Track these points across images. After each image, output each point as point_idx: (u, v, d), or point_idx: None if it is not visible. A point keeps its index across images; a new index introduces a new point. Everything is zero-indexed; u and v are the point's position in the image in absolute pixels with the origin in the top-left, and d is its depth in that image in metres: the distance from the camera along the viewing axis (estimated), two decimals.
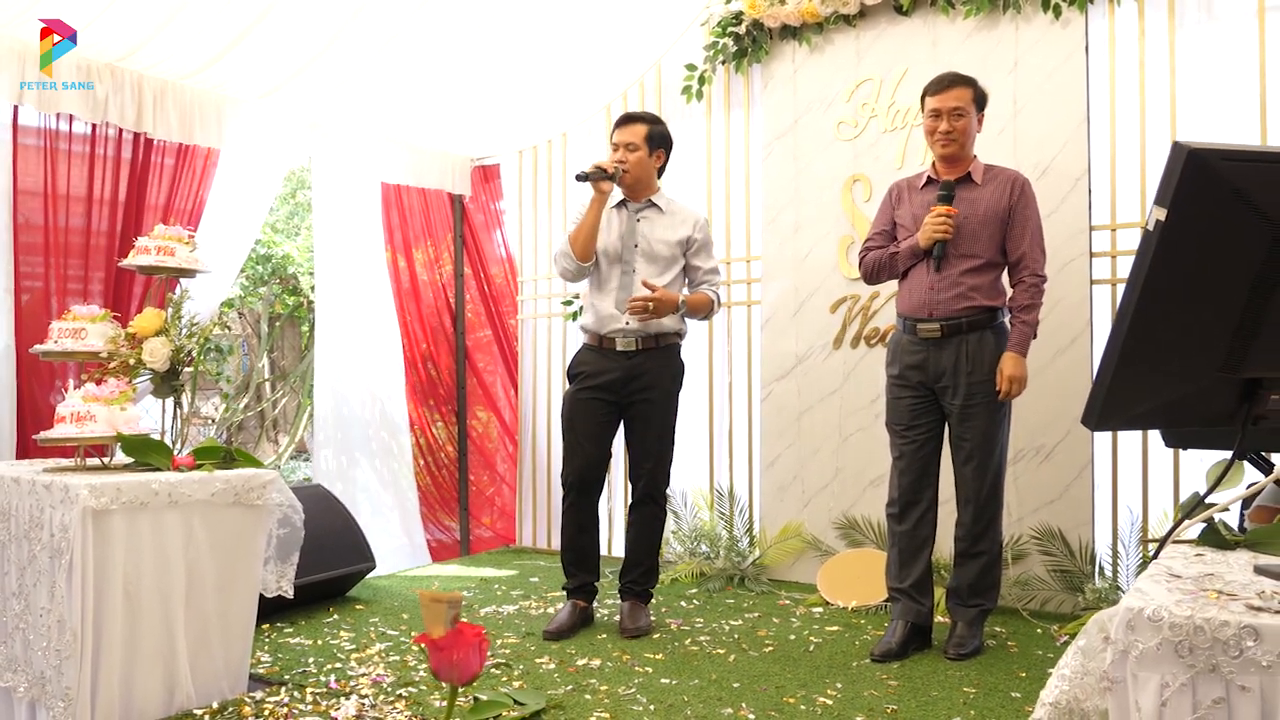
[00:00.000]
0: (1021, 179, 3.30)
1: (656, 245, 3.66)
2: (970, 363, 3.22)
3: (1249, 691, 1.06)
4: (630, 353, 3.62)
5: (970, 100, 3.26)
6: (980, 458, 3.26)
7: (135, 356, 3.05)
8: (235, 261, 4.63)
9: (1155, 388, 1.27)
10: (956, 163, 3.30)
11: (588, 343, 3.73)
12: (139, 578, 2.69)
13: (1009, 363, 3.20)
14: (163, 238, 3.15)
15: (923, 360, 3.29)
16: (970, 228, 3.24)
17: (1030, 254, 3.24)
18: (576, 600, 3.74)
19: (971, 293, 3.22)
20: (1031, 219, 3.27)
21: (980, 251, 3.24)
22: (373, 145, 5.10)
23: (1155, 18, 3.82)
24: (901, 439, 3.37)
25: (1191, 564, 1.39)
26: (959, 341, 3.24)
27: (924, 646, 3.37)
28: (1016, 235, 3.25)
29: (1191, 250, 1.16)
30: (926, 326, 3.27)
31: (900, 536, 3.37)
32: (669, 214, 3.73)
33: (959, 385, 3.24)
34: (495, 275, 5.77)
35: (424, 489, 5.51)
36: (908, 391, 3.34)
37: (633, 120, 3.72)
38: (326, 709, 2.83)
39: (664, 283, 3.62)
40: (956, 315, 3.23)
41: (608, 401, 3.65)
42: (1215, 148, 1.13)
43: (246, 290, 8.56)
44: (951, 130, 3.24)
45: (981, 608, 3.36)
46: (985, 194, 3.26)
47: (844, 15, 4.40)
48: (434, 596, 1.05)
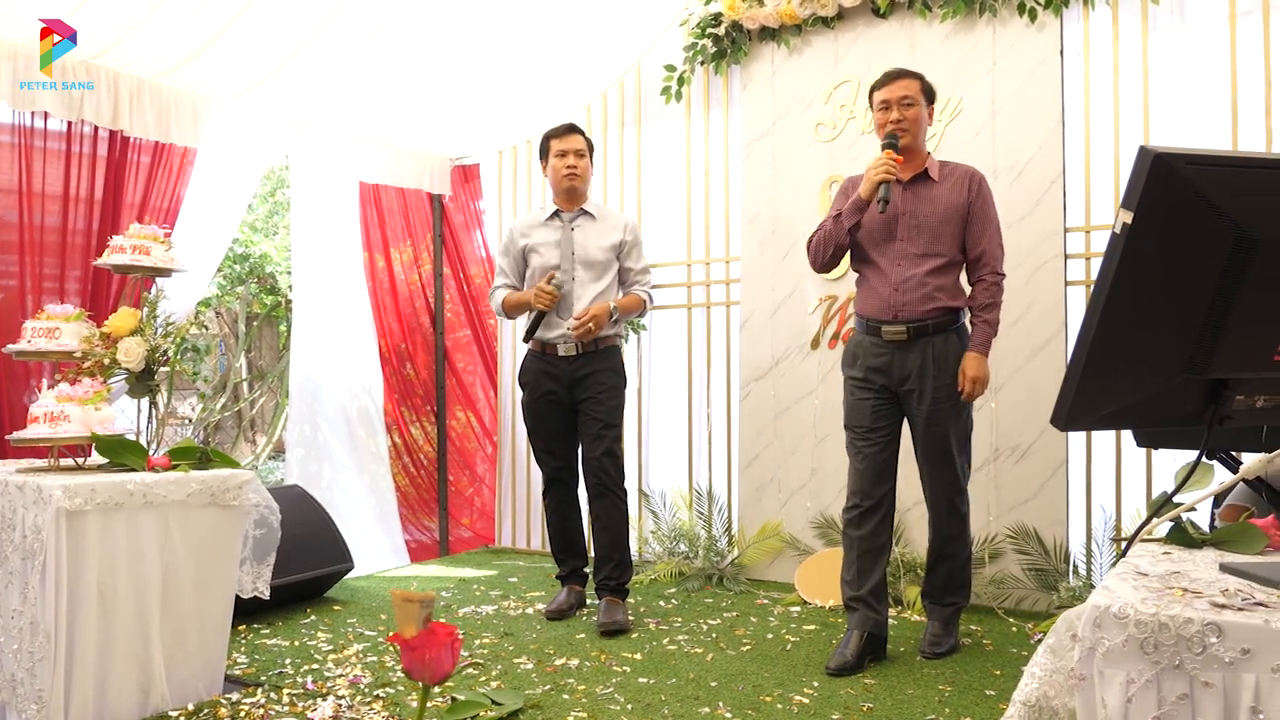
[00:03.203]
0: (978, 175, 3.25)
1: (592, 251, 3.84)
2: (936, 366, 3.17)
3: (1212, 688, 1.07)
4: (571, 357, 3.82)
5: (919, 91, 3.22)
6: (950, 462, 3.24)
7: (110, 356, 3.03)
8: (212, 261, 4.60)
9: (1123, 388, 1.28)
10: (908, 156, 3.23)
11: (532, 349, 3.93)
12: (113, 579, 2.67)
13: (971, 363, 3.16)
14: (138, 236, 3.14)
15: (887, 363, 3.23)
16: (932, 226, 3.19)
17: (990, 251, 3.21)
18: (571, 585, 4.02)
19: (937, 293, 3.18)
20: (991, 215, 3.23)
21: (943, 250, 3.19)
22: (351, 144, 5.08)
23: (1129, 21, 3.86)
24: (863, 441, 3.29)
25: (1159, 562, 1.41)
26: (925, 344, 3.19)
27: (879, 658, 3.25)
28: (976, 232, 3.21)
29: (1157, 253, 1.17)
30: (892, 329, 3.21)
31: (859, 541, 3.27)
32: (600, 220, 3.91)
33: (925, 390, 3.18)
34: (475, 275, 5.76)
35: (402, 489, 5.49)
36: (869, 393, 3.27)
37: (576, 130, 3.93)
38: (303, 710, 2.82)
39: (601, 287, 3.83)
40: (923, 317, 3.18)
41: (558, 403, 3.88)
42: (1180, 152, 1.14)
43: (224, 289, 8.51)
44: (902, 119, 3.18)
45: (956, 606, 3.37)
46: (943, 191, 3.22)
47: (822, 18, 4.42)
48: (406, 596, 1.05)
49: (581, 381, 3.82)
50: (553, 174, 3.91)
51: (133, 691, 2.73)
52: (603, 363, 3.84)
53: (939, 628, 3.35)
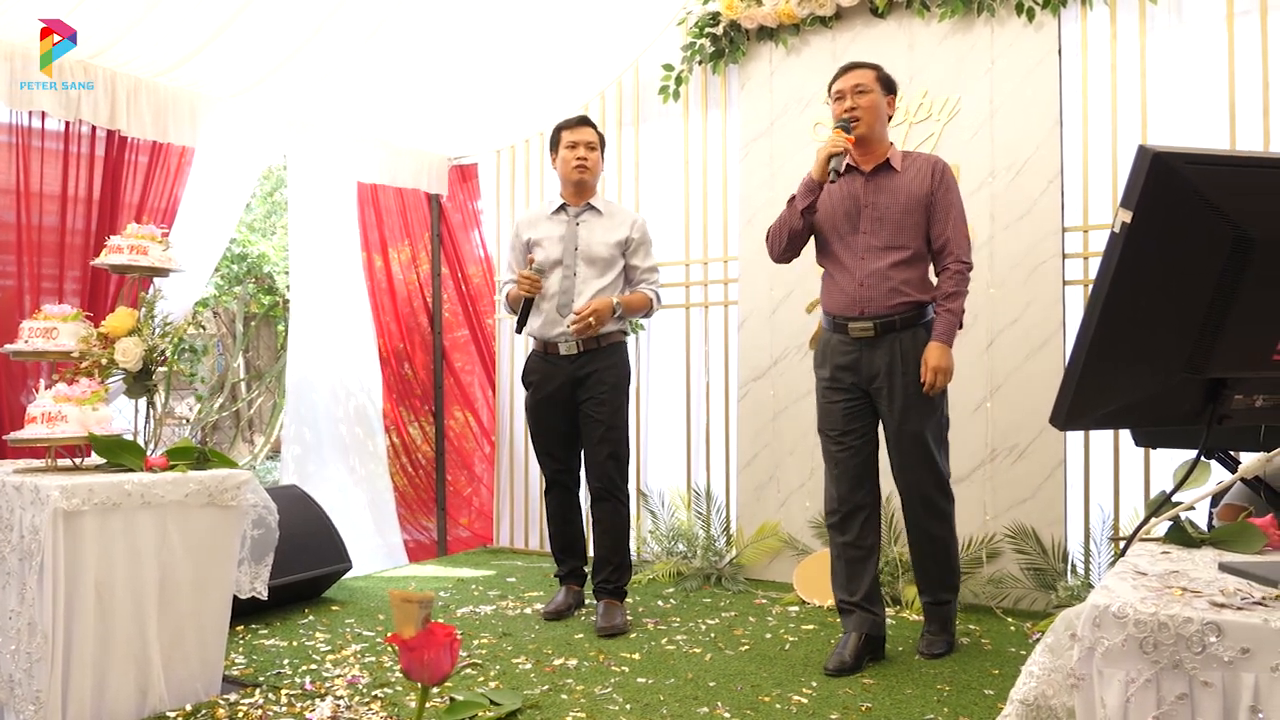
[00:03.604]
0: (941, 163, 3.17)
1: (596, 248, 3.75)
2: (905, 363, 3.10)
3: (1211, 687, 1.07)
4: (574, 356, 3.73)
5: (873, 80, 3.15)
6: (930, 461, 3.17)
7: (107, 356, 3.03)
8: (210, 260, 4.60)
9: (1122, 388, 1.28)
10: (868, 146, 3.18)
11: (534, 349, 3.86)
12: (111, 579, 2.67)
13: (934, 353, 3.06)
14: (136, 236, 3.13)
15: (855, 361, 3.17)
16: (894, 217, 3.12)
17: (954, 240, 3.12)
18: (570, 585, 3.98)
19: (903, 286, 3.10)
20: (954, 204, 3.14)
21: (907, 242, 3.12)
22: (349, 144, 5.08)
23: (1126, 21, 3.86)
24: (836, 445, 3.23)
25: (1158, 562, 1.41)
26: (892, 340, 3.12)
27: (878, 658, 3.23)
28: (939, 221, 3.13)
29: (1156, 252, 1.17)
30: (859, 325, 3.14)
31: (845, 548, 3.23)
32: (608, 216, 3.83)
33: (895, 387, 3.12)
34: (473, 275, 5.76)
35: (400, 489, 5.49)
36: (840, 394, 3.21)
37: (588, 123, 3.84)
38: (301, 711, 2.81)
39: (604, 284, 3.73)
40: (889, 312, 3.11)
41: (562, 404, 3.78)
42: (1179, 151, 1.14)
43: (221, 289, 8.50)
44: (856, 107, 3.11)
45: (949, 603, 3.33)
46: (905, 181, 3.15)
47: (820, 17, 4.42)
48: (405, 596, 1.05)
49: (584, 380, 3.73)
50: (562, 166, 3.81)
51: (130, 692, 2.73)
52: (606, 360, 3.75)
53: (935, 627, 3.33)
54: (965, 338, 4.09)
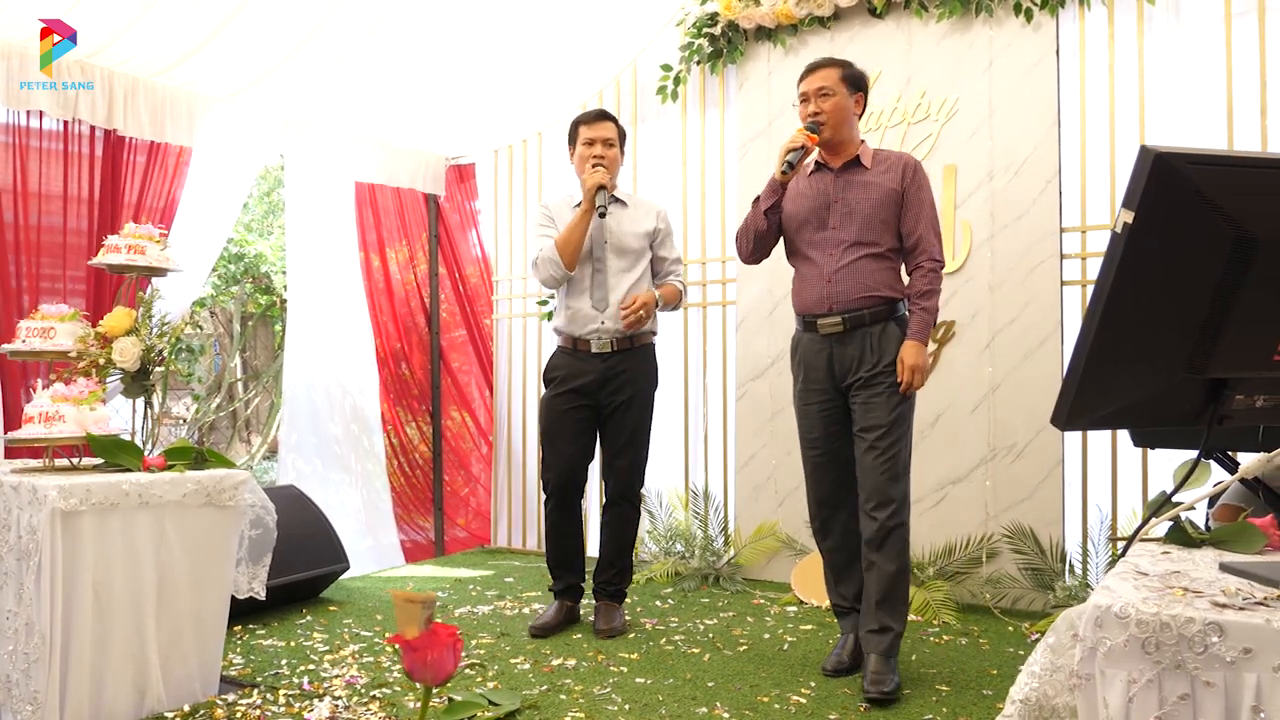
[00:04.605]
0: (913, 161, 3.10)
1: (626, 239, 3.62)
2: (875, 355, 3.01)
3: (1213, 687, 1.07)
4: (606, 354, 3.58)
5: (838, 80, 3.06)
6: (882, 449, 2.97)
7: (105, 356, 3.02)
8: (207, 260, 4.59)
9: (1123, 388, 1.28)
10: (837, 147, 3.11)
11: (562, 345, 3.68)
12: (109, 580, 2.66)
13: (910, 351, 2.97)
14: (133, 236, 3.13)
15: (826, 359, 3.08)
16: (864, 212, 3.04)
17: (925, 238, 3.04)
18: (564, 600, 3.75)
19: (873, 282, 3.02)
20: (926, 201, 3.06)
21: (877, 238, 3.04)
22: (346, 144, 5.08)
23: (1124, 21, 3.87)
24: (814, 450, 3.16)
25: (1158, 562, 1.41)
26: (862, 335, 3.03)
27: None
28: (911, 218, 3.04)
29: (1158, 252, 1.17)
30: (827, 321, 3.06)
31: (830, 553, 3.19)
32: (633, 207, 3.71)
33: (863, 379, 3.02)
34: (470, 275, 5.76)
35: (398, 489, 5.48)
36: (815, 398, 3.13)
37: (607, 117, 3.69)
38: (299, 711, 2.81)
39: (635, 276, 3.61)
40: (858, 307, 3.02)
41: (585, 405, 3.61)
42: (1181, 151, 1.14)
43: (219, 289, 8.49)
44: (819, 111, 3.04)
45: (893, 632, 2.99)
46: (875, 177, 3.07)
47: (818, 17, 4.42)
48: (407, 597, 1.05)
49: (612, 381, 3.57)
50: (579, 163, 3.65)
51: (128, 692, 2.72)
52: (637, 362, 3.62)
53: (878, 663, 2.93)
54: (963, 338, 4.10)
